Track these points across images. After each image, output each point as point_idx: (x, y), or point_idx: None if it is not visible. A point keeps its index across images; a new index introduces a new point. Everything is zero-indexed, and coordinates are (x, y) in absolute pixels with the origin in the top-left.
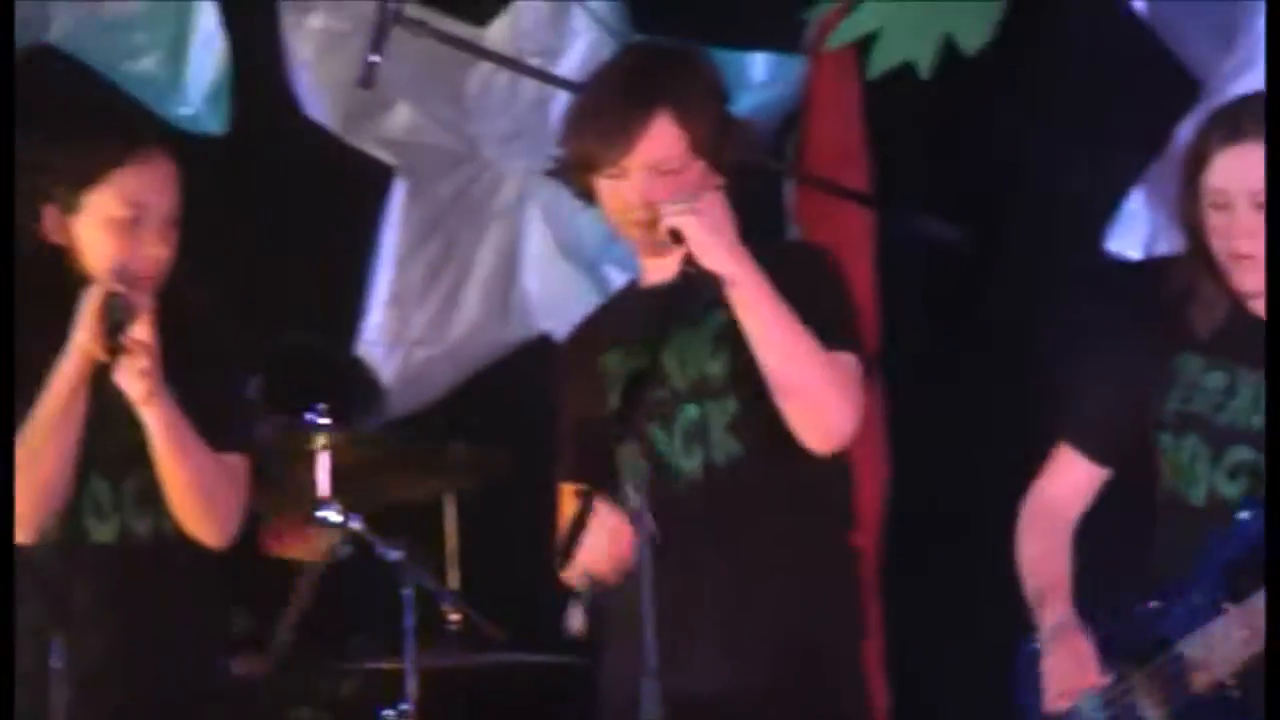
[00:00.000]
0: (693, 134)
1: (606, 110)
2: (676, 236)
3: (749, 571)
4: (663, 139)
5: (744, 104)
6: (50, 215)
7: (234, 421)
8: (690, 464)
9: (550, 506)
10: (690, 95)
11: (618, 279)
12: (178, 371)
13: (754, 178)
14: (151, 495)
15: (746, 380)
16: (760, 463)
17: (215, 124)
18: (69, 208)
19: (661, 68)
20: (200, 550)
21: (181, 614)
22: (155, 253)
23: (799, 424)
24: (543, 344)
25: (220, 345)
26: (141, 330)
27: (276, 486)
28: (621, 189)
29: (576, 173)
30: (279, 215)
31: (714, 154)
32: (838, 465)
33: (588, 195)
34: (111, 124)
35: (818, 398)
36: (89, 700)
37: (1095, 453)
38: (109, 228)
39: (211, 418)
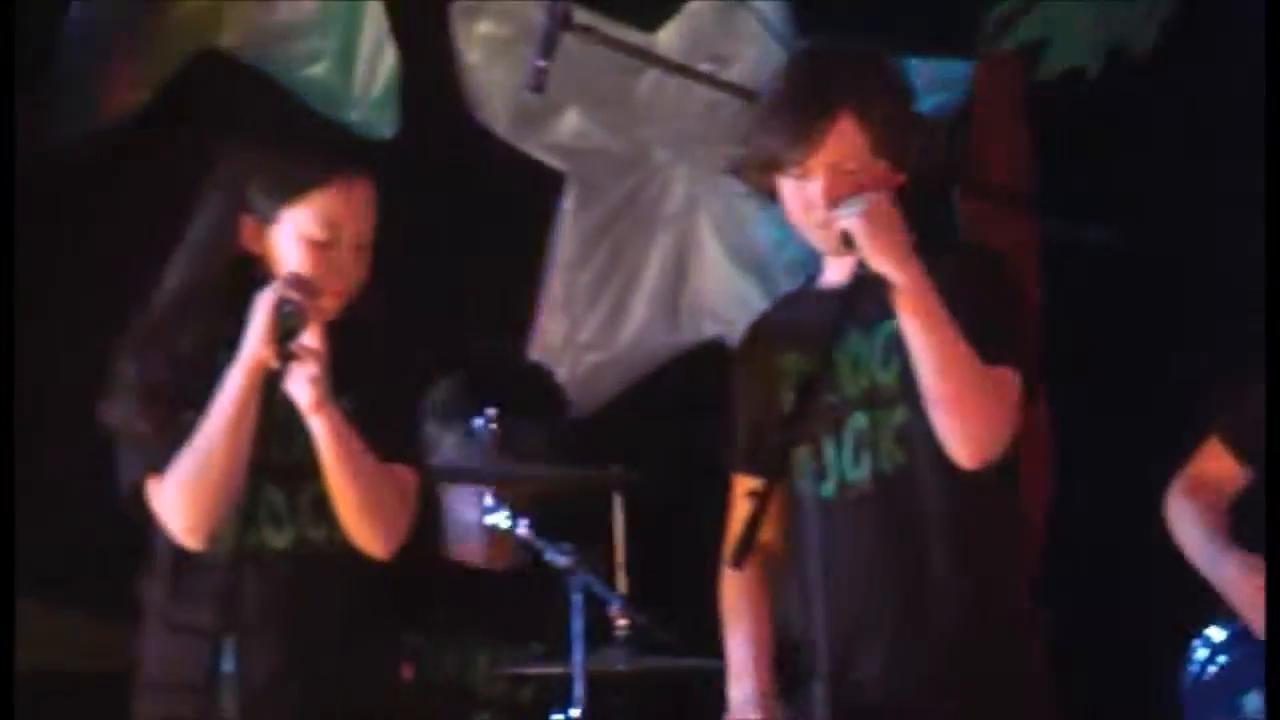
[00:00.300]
0: (875, 134)
1: (792, 108)
2: (848, 240)
3: (916, 581)
4: (846, 138)
5: None
6: (248, 225)
7: (404, 433)
8: (859, 474)
9: (717, 511)
10: (874, 95)
11: (787, 285)
12: (351, 381)
13: (930, 180)
14: (327, 505)
15: (916, 389)
16: (925, 473)
17: (385, 129)
18: (267, 219)
19: (847, 67)
20: (376, 559)
21: (357, 622)
22: (346, 274)
23: (946, 437)
24: (711, 349)
25: (393, 354)
26: (312, 338)
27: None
28: (804, 188)
29: (758, 171)
30: (448, 221)
31: (897, 154)
32: (1004, 477)
33: (768, 194)
34: (317, 144)
35: (969, 413)
36: (262, 706)
37: (1242, 451)
38: (303, 245)
39: (382, 428)
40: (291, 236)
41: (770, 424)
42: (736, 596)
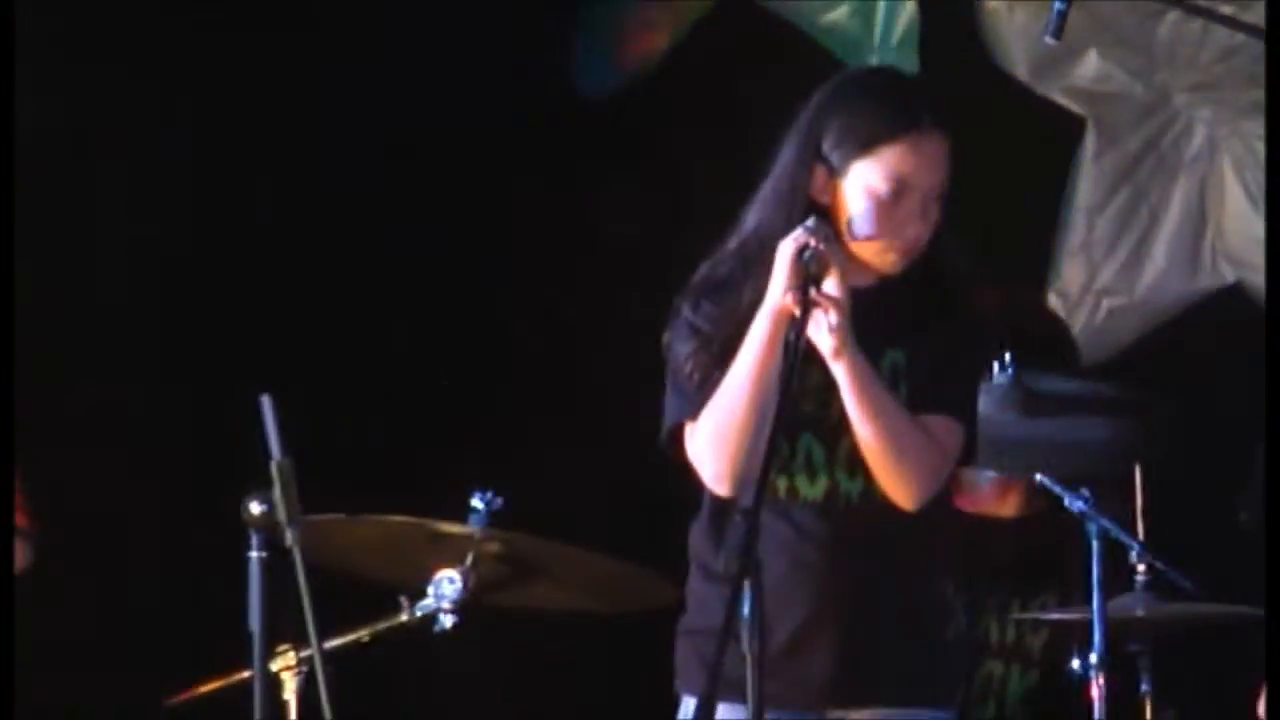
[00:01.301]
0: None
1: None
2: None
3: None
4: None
5: None
6: (820, 176)
7: (954, 387)
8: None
9: (1238, 461)
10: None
11: None
12: (907, 333)
13: None
14: (863, 458)
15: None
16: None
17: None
18: (838, 172)
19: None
20: (908, 512)
21: (887, 573)
22: (913, 228)
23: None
24: (1232, 295)
25: (956, 309)
26: (833, 285)
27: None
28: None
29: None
30: (969, 165)
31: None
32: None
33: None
34: (888, 98)
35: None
36: (784, 655)
37: None
38: (869, 198)
39: (932, 382)
40: (859, 189)
41: None
42: None
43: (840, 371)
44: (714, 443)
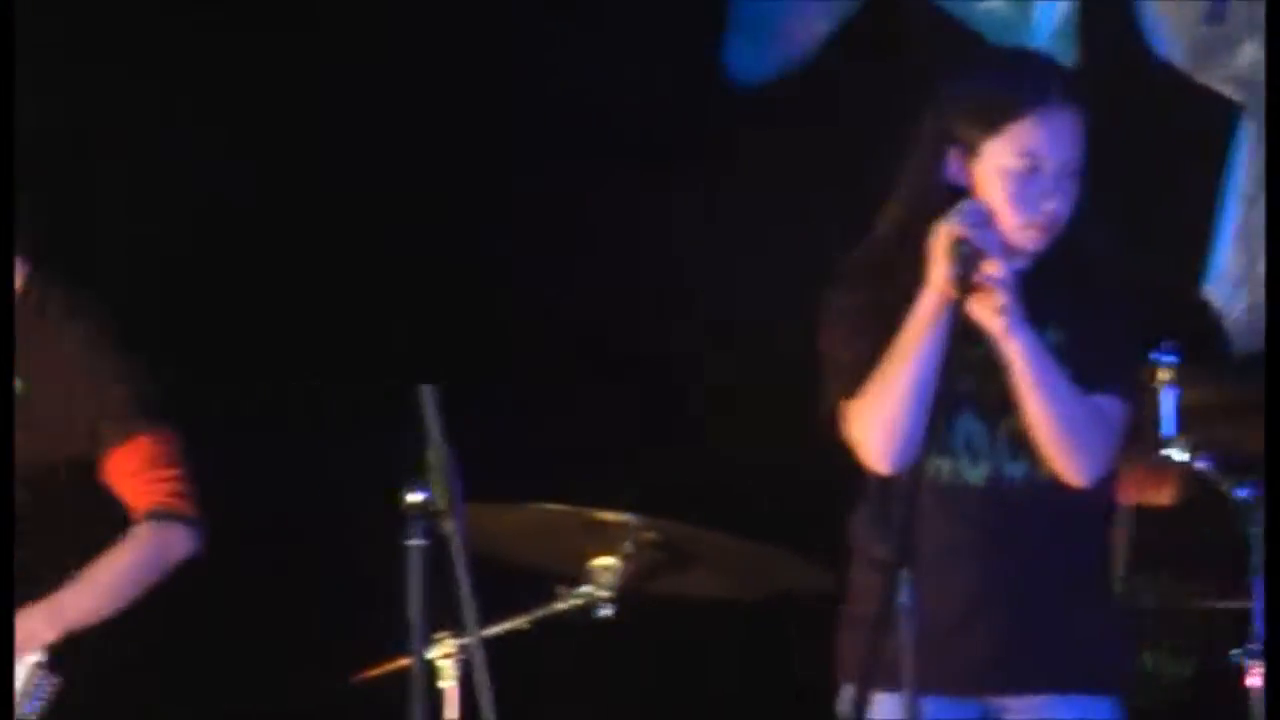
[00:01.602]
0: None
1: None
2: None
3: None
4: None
5: None
6: (954, 157)
7: (1114, 364)
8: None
9: None
10: None
11: None
12: (1060, 311)
13: None
14: (1027, 440)
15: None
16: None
17: (1063, 61)
18: (972, 153)
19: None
20: (1074, 495)
21: (1051, 558)
22: (1049, 204)
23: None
24: None
25: (1108, 285)
26: (995, 267)
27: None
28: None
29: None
30: (1126, 154)
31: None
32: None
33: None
34: (1014, 76)
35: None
36: (945, 643)
37: None
38: (1003, 176)
39: (1092, 360)
40: (992, 168)
41: None
42: None
43: (1011, 350)
44: (875, 422)
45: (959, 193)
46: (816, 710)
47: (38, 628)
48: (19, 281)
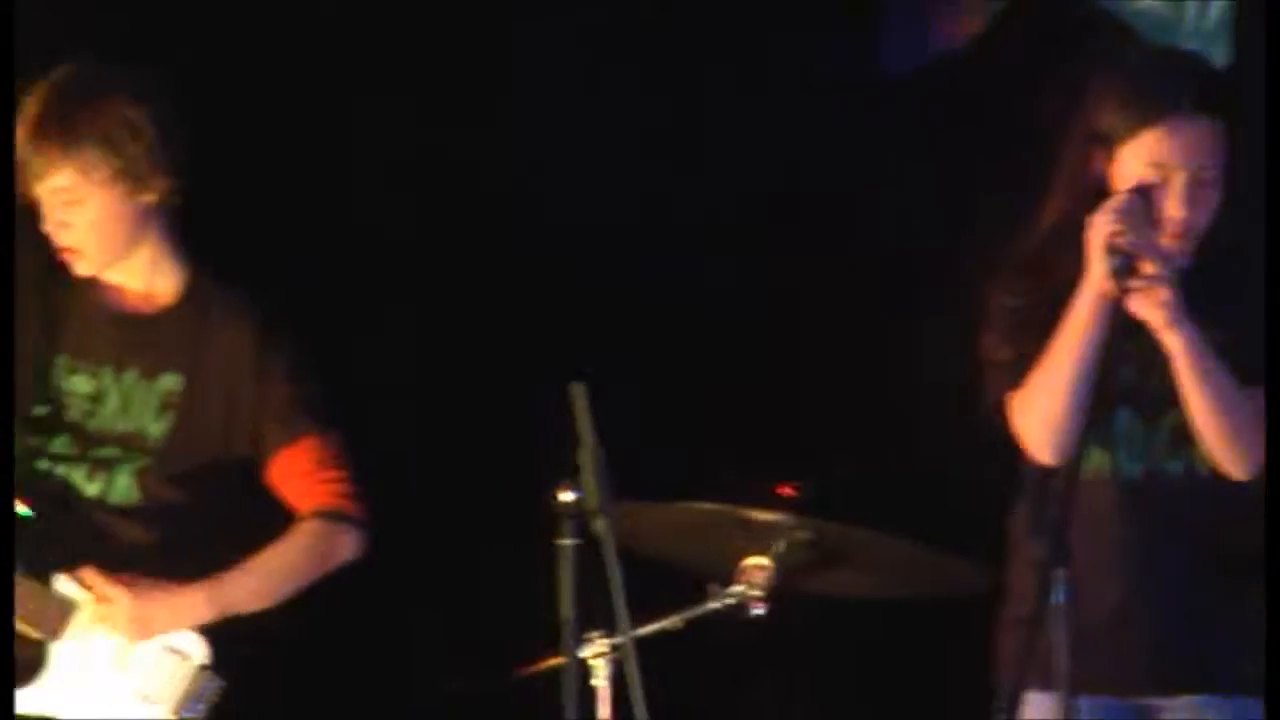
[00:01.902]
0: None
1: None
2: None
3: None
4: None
5: None
6: (1100, 159)
7: (1260, 360)
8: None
9: None
10: None
11: None
12: (1216, 312)
13: None
14: (1186, 434)
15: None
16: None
17: (1217, 61)
18: (1111, 156)
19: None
20: (1232, 490)
21: (1209, 553)
22: (1180, 213)
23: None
24: None
25: (1256, 283)
26: (1150, 266)
27: None
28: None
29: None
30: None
31: None
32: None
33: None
34: (1148, 83)
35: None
36: (1098, 643)
37: None
38: (1136, 180)
39: (1245, 354)
40: (1128, 174)
41: None
42: None
43: (1174, 343)
44: (1038, 416)
45: (1107, 192)
46: (974, 714)
47: (198, 604)
48: (179, 284)
